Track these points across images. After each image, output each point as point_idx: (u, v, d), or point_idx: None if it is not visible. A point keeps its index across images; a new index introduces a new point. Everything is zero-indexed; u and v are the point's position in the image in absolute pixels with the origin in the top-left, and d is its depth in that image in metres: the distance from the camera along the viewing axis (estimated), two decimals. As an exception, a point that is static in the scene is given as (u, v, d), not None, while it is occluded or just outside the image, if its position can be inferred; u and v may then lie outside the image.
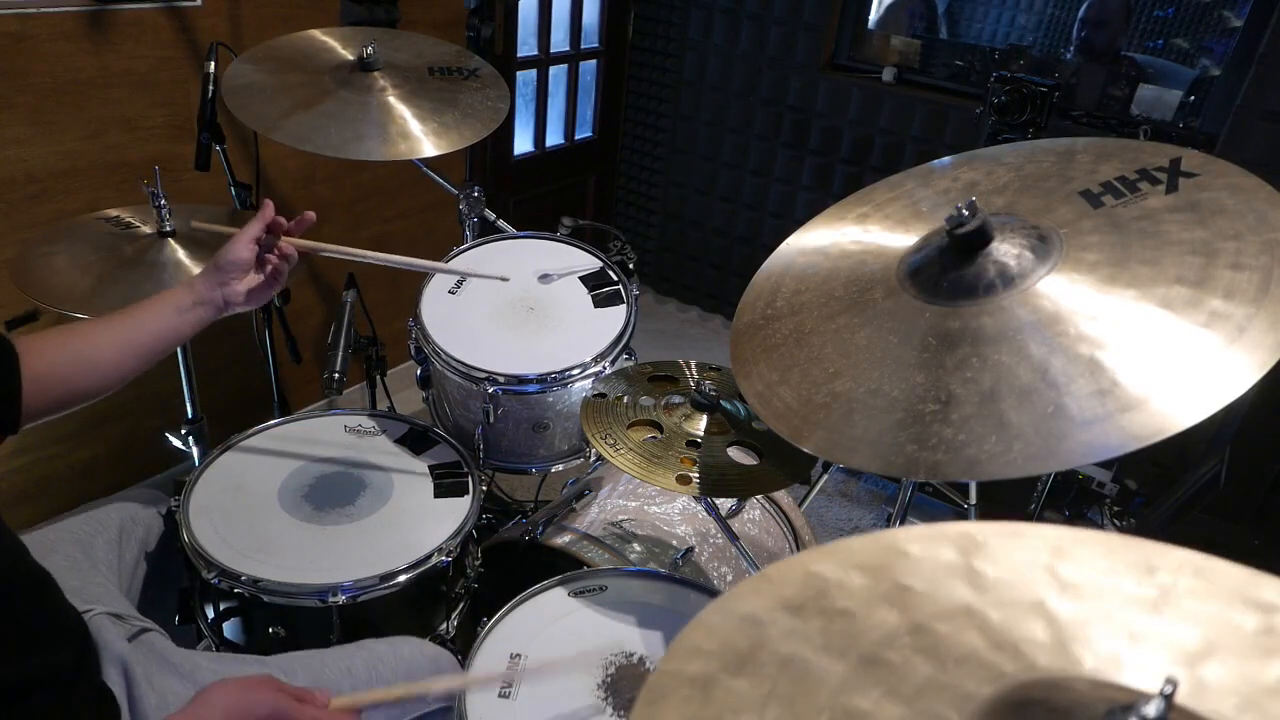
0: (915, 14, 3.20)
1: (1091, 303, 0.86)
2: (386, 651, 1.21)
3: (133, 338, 1.10)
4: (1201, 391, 0.75)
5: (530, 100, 3.18)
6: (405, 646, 1.24)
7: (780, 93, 3.15)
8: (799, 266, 1.15)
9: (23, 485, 2.06)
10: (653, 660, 1.20)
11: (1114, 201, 0.95)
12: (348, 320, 1.65)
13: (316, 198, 2.45)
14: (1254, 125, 2.13)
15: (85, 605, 1.11)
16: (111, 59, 1.90)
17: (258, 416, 1.62)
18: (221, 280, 1.15)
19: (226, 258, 1.14)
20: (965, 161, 1.16)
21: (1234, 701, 0.46)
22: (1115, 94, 2.69)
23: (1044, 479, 2.28)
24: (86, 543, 1.26)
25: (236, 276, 1.16)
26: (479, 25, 1.92)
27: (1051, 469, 0.80)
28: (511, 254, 1.80)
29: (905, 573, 0.55)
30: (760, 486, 1.28)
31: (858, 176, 3.07)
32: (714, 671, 0.50)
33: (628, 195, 3.76)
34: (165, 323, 1.12)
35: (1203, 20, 2.80)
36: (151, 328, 1.11)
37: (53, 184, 1.89)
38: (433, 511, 1.42)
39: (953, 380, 0.86)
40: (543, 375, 1.56)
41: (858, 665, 0.50)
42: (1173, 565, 0.54)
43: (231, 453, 1.50)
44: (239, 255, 1.15)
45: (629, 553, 1.50)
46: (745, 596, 0.54)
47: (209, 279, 1.15)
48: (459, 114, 1.70)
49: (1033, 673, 0.49)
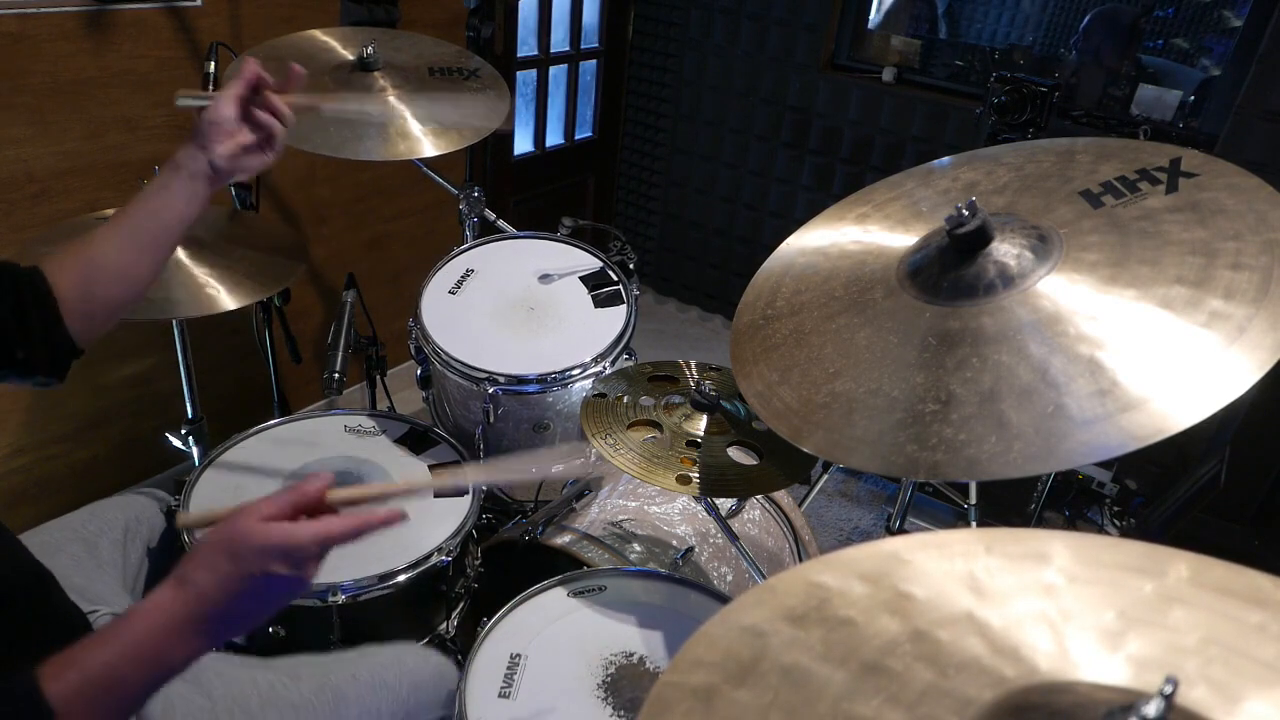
0: (915, 14, 3.20)
1: (1091, 303, 0.86)
2: (390, 659, 1.21)
3: (138, 235, 1.04)
4: (1201, 391, 0.75)
5: (530, 100, 3.18)
6: (409, 655, 1.24)
7: (780, 93, 3.15)
8: (799, 266, 1.15)
9: (23, 485, 2.06)
10: (652, 660, 1.20)
11: (1114, 201, 0.95)
12: (348, 320, 1.66)
13: (316, 198, 2.45)
14: (1254, 125, 2.13)
15: (90, 605, 1.11)
16: (111, 59, 1.90)
17: (258, 416, 1.62)
18: (203, 143, 1.04)
19: (206, 117, 1.05)
20: (965, 161, 1.16)
21: (1234, 701, 0.46)
22: (1115, 94, 2.69)
23: (1044, 479, 2.28)
24: (92, 542, 1.26)
25: (220, 137, 1.04)
26: (479, 25, 1.92)
27: (1051, 469, 0.80)
28: (512, 254, 1.80)
29: (906, 580, 0.55)
30: (760, 486, 1.28)
31: (858, 176, 3.07)
32: (716, 683, 0.50)
33: (628, 195, 3.76)
34: (164, 207, 1.04)
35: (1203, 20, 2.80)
36: (155, 219, 1.04)
37: (53, 184, 1.89)
38: (433, 511, 1.42)
39: (953, 380, 0.86)
40: (543, 375, 1.56)
41: (859, 673, 0.50)
42: (1173, 566, 0.54)
43: (231, 452, 1.50)
44: (222, 113, 1.04)
45: (629, 553, 1.50)
46: (747, 608, 0.55)
47: (193, 145, 1.05)
48: (459, 114, 1.70)
49: (1033, 677, 0.49)
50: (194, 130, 1.05)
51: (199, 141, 1.04)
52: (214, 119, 1.04)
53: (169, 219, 1.04)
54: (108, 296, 1.03)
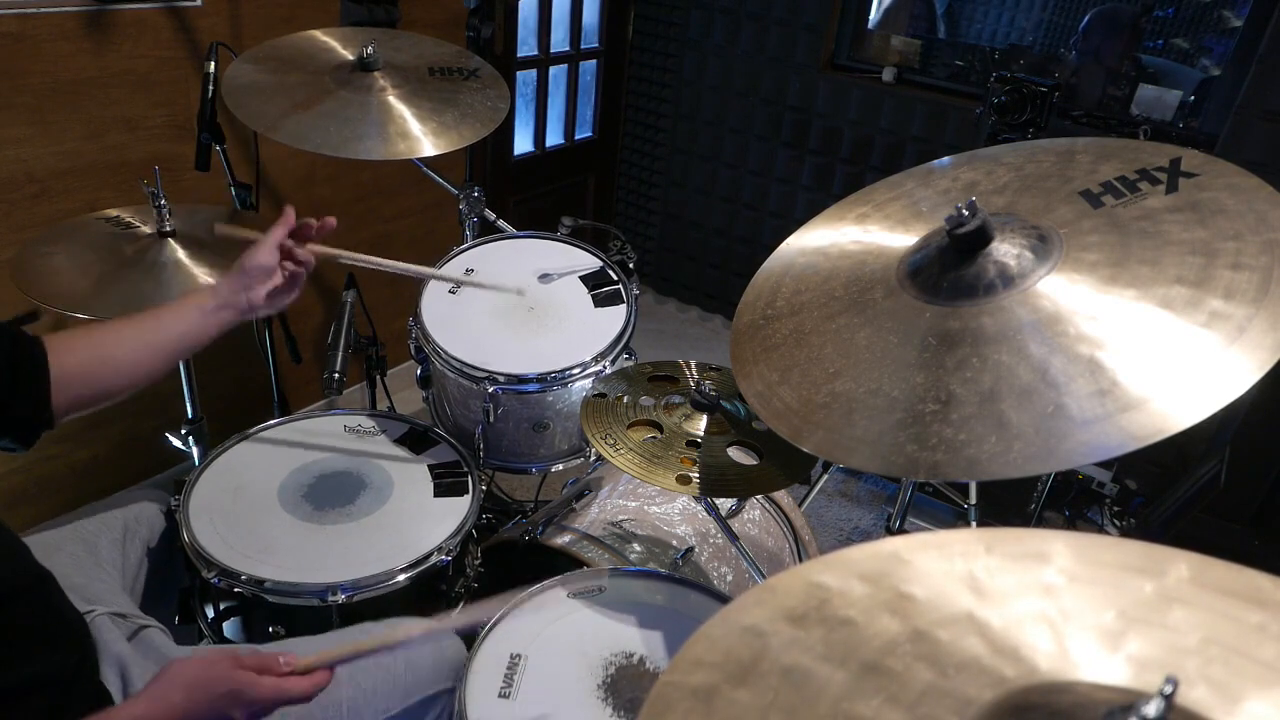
0: (913, 14, 3.20)
1: (1091, 303, 0.86)
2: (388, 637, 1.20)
3: (156, 339, 1.11)
4: (1201, 391, 0.75)
5: (530, 100, 3.18)
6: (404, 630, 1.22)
7: (780, 93, 3.15)
8: (799, 266, 1.15)
9: (23, 485, 2.06)
10: (652, 660, 1.20)
11: (1114, 201, 0.95)
12: (348, 320, 1.66)
13: (316, 198, 2.45)
14: (1254, 125, 2.13)
15: (88, 605, 1.11)
16: (111, 59, 1.90)
17: (258, 416, 1.62)
18: (246, 284, 1.15)
19: (252, 262, 1.15)
20: (965, 161, 1.16)
21: (1234, 701, 0.46)
22: (1115, 94, 2.69)
23: (1044, 479, 2.28)
24: (91, 542, 1.27)
25: (261, 281, 1.16)
26: (479, 25, 1.92)
27: (1051, 469, 0.80)
28: (512, 254, 1.80)
29: (906, 580, 0.55)
30: (760, 486, 1.28)
31: (858, 176, 3.07)
32: (716, 683, 0.50)
33: (628, 195, 3.76)
34: (189, 325, 1.13)
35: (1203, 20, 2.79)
36: (175, 329, 1.12)
37: (53, 184, 1.89)
38: (433, 511, 1.42)
39: (953, 380, 0.86)
40: (543, 375, 1.56)
41: (859, 673, 0.50)
42: (1173, 566, 0.54)
43: (231, 452, 1.50)
44: (265, 261, 1.16)
45: (629, 553, 1.50)
46: (747, 608, 0.55)
47: (234, 283, 1.15)
48: (459, 114, 1.70)
49: (1033, 677, 0.49)
50: (238, 269, 1.15)
51: (242, 281, 1.15)
52: (258, 265, 1.15)
53: (193, 339, 1.14)
54: (104, 386, 1.09)
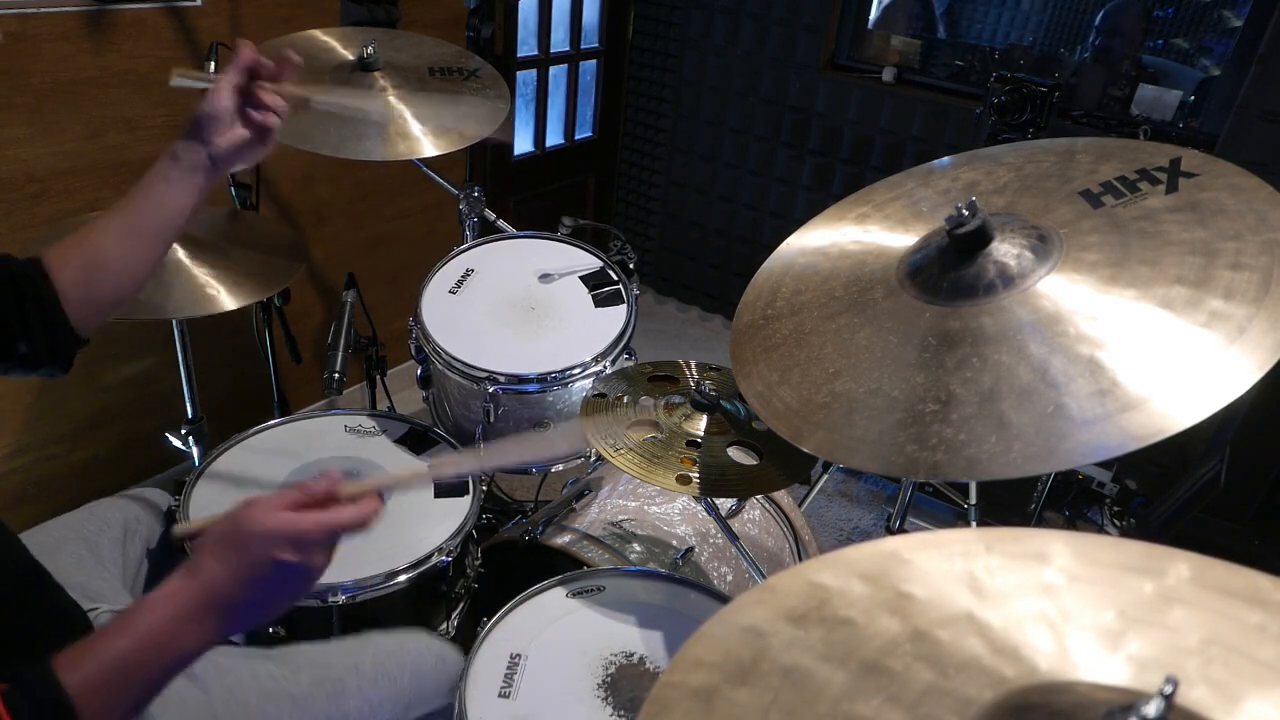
0: (912, 14, 3.20)
1: (1091, 303, 0.86)
2: (393, 647, 1.20)
3: (133, 223, 1.04)
4: (1201, 391, 0.75)
5: (530, 100, 3.18)
6: (412, 642, 1.23)
7: (780, 93, 3.15)
8: (799, 266, 1.15)
9: (23, 485, 2.06)
10: (652, 660, 1.20)
11: (1114, 201, 0.95)
12: (348, 320, 1.66)
13: (316, 198, 2.45)
14: (1254, 125, 2.13)
15: (90, 603, 1.11)
16: (111, 59, 1.90)
17: (258, 416, 1.62)
18: (202, 136, 1.03)
19: (204, 110, 1.03)
20: (965, 161, 1.16)
21: (1234, 701, 0.46)
22: (1115, 94, 2.68)
23: (1044, 479, 2.28)
24: (92, 540, 1.26)
25: (218, 130, 1.04)
26: (479, 25, 1.92)
27: (1051, 469, 0.80)
28: (512, 254, 1.80)
29: (906, 580, 0.55)
30: (760, 486, 1.28)
31: (858, 176, 3.07)
32: (716, 683, 0.50)
33: (628, 195, 3.76)
34: (159, 197, 1.04)
35: (1203, 20, 2.79)
36: (147, 206, 1.04)
37: (53, 184, 1.89)
38: (433, 511, 1.42)
39: (953, 380, 0.86)
40: (543, 375, 1.56)
41: (859, 673, 0.50)
42: (1173, 566, 0.54)
43: (231, 453, 1.50)
44: (219, 105, 1.03)
45: (629, 553, 1.50)
46: (747, 608, 0.55)
47: (190, 138, 1.04)
48: (459, 114, 1.70)
49: (1033, 677, 0.49)
50: (191, 123, 1.04)
51: (197, 135, 1.03)
52: (211, 112, 1.03)
53: (169, 211, 1.05)
54: (109, 288, 1.04)
